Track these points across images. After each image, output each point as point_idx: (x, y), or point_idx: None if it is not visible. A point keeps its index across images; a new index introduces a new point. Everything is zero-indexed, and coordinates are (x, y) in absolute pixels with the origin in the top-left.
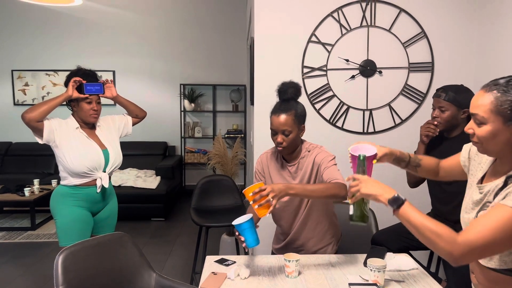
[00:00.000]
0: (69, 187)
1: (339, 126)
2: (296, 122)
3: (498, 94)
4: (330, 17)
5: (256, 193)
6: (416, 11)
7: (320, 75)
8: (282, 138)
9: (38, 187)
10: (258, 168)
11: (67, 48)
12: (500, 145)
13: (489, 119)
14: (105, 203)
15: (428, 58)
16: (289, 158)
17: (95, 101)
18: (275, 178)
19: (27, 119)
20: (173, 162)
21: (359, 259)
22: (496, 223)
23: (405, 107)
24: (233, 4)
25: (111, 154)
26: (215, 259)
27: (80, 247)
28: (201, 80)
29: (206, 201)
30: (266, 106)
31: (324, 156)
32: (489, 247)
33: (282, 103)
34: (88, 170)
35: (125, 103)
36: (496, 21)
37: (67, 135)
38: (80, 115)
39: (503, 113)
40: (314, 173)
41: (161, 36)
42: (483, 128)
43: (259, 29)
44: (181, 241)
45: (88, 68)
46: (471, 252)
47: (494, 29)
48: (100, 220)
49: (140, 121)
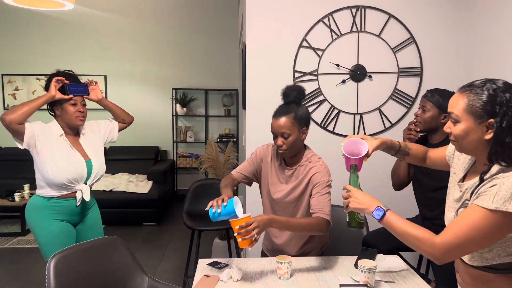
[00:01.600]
0: (46, 199)
1: (330, 130)
2: (295, 125)
3: (471, 95)
4: (321, 22)
5: (242, 227)
6: (405, 17)
7: (311, 80)
8: (282, 141)
9: (28, 192)
10: (261, 153)
11: (58, 52)
12: (474, 143)
13: (462, 118)
14: (85, 214)
15: (417, 63)
16: (289, 162)
17: (80, 103)
18: (270, 176)
19: (7, 121)
20: (165, 167)
21: (350, 260)
22: (469, 223)
23: (394, 111)
24: (225, 9)
25: (94, 165)
26: (208, 262)
27: (72, 250)
28: (193, 84)
29: (198, 205)
30: (258, 110)
31: (321, 180)
32: (466, 246)
33: (283, 106)
34: (68, 181)
35: (111, 107)
36: (482, 27)
37: (49, 142)
38: (65, 119)
39: (474, 112)
40: (302, 185)
41: (153, 41)
42: (457, 127)
43: (251, 34)
44: (173, 245)
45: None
46: (450, 252)
47: (480, 35)
48: (84, 230)
49: (127, 127)
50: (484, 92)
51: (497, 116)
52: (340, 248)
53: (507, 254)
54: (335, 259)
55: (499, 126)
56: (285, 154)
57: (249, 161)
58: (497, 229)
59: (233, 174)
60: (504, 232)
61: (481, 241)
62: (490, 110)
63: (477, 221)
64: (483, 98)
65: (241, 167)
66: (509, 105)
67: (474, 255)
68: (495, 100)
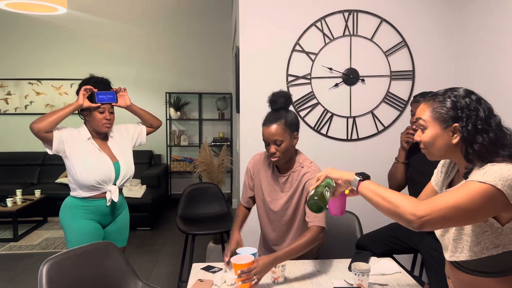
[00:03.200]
0: (78, 199)
1: (323, 133)
2: (287, 131)
3: (435, 104)
4: (313, 26)
5: (244, 272)
6: (397, 21)
7: (305, 83)
8: (275, 148)
9: (21, 198)
10: (250, 168)
11: (50, 57)
12: (442, 148)
13: (429, 125)
14: (116, 215)
15: (409, 66)
16: (282, 168)
17: (107, 110)
18: (265, 185)
19: (36, 129)
20: (159, 171)
21: (344, 263)
22: (455, 193)
23: (387, 114)
24: (219, 13)
25: (122, 166)
26: (202, 266)
27: (65, 256)
28: (187, 88)
29: (192, 209)
30: (252, 114)
31: None
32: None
33: (272, 114)
34: (97, 183)
35: (139, 112)
36: (473, 30)
37: (77, 146)
38: (92, 124)
39: (440, 118)
40: (298, 191)
41: (146, 45)
42: (425, 134)
43: (244, 39)
44: (167, 250)
45: (101, 76)
46: (430, 219)
47: (471, 38)
48: (111, 233)
49: (155, 131)
50: (447, 99)
51: (461, 120)
52: (334, 251)
53: (494, 246)
54: (329, 262)
55: (465, 129)
56: (279, 161)
57: (245, 183)
58: (481, 204)
59: (241, 203)
60: (489, 211)
61: (463, 214)
62: (454, 115)
63: (463, 191)
64: (447, 105)
65: (243, 192)
66: (470, 109)
67: (462, 249)
68: (457, 106)
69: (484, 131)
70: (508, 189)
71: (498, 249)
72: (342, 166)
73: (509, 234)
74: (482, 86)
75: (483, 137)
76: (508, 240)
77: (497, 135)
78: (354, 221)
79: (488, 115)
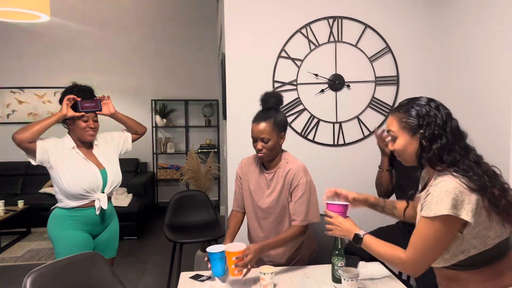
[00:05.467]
0: (67, 209)
1: (310, 139)
2: (275, 130)
3: (400, 114)
4: (298, 33)
5: (239, 259)
6: (380, 27)
7: (291, 89)
8: (261, 145)
9: (3, 209)
10: (239, 172)
11: (33, 65)
12: (414, 155)
13: (399, 134)
14: (106, 225)
15: (393, 72)
16: (268, 166)
17: (91, 119)
18: (252, 181)
19: (18, 140)
20: (145, 179)
21: None
22: (422, 235)
23: (372, 119)
24: (203, 20)
25: (109, 174)
26: (190, 275)
27: (49, 268)
28: (173, 95)
29: (179, 217)
30: (239, 120)
31: (299, 182)
32: (428, 256)
33: (262, 112)
34: (84, 191)
35: (124, 120)
36: (454, 36)
37: (62, 156)
38: (76, 133)
39: (406, 127)
40: (285, 187)
41: (131, 52)
42: (397, 143)
43: (230, 45)
44: (154, 259)
45: (84, 84)
46: (417, 265)
47: (453, 44)
48: (101, 243)
49: (140, 137)
50: (411, 109)
51: (422, 128)
52: (324, 256)
53: (461, 252)
54: (319, 267)
55: (423, 135)
56: (264, 157)
57: (236, 187)
58: (444, 233)
59: (234, 209)
60: (451, 233)
61: (436, 248)
62: (418, 123)
63: (426, 231)
64: (412, 114)
65: (235, 198)
66: (429, 116)
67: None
68: (420, 114)
69: (439, 137)
70: (452, 210)
71: (464, 254)
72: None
73: (469, 239)
74: (464, 90)
75: (437, 143)
76: (470, 244)
77: (448, 140)
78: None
79: (445, 121)
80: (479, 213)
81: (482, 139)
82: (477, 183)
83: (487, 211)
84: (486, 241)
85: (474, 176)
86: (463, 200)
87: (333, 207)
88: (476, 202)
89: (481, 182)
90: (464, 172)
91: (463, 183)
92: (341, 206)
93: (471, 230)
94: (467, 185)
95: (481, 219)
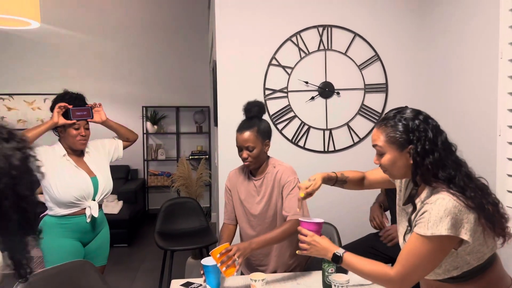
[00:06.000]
0: (57, 217)
1: (301, 146)
2: (259, 138)
3: (387, 128)
4: (289, 41)
5: (223, 254)
6: (369, 35)
7: (281, 97)
8: (247, 154)
9: None
10: (227, 184)
11: (23, 71)
12: (402, 169)
13: (386, 149)
14: (96, 233)
15: (382, 80)
16: (256, 173)
17: (83, 127)
18: (241, 191)
19: None
20: (136, 186)
21: None
22: (414, 252)
23: (362, 126)
24: (195, 27)
25: (100, 181)
26: (181, 283)
27: (39, 276)
28: (164, 102)
29: (170, 225)
30: (230, 127)
31: (288, 179)
32: (417, 272)
33: (245, 121)
34: (75, 199)
35: (115, 127)
36: (441, 44)
37: (53, 164)
38: (67, 141)
39: (395, 142)
40: (275, 190)
41: (122, 58)
42: (384, 158)
43: (221, 53)
44: (145, 267)
45: (75, 91)
46: (406, 281)
47: (440, 52)
48: (92, 251)
49: (131, 145)
50: (398, 123)
51: (413, 143)
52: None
53: (454, 268)
54: (309, 274)
55: (415, 151)
56: (251, 165)
57: (226, 201)
58: (439, 251)
59: (225, 222)
60: (446, 251)
61: (428, 265)
62: (407, 138)
63: (420, 249)
64: (399, 129)
65: (225, 211)
66: (419, 130)
67: None
68: (409, 129)
69: (431, 152)
70: (452, 230)
71: (457, 270)
72: None
73: (464, 256)
74: (451, 96)
75: (429, 158)
76: (464, 261)
77: (441, 154)
78: (333, 232)
79: (435, 134)
80: (475, 230)
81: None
82: (475, 201)
83: (483, 227)
84: (480, 256)
85: (471, 193)
86: (462, 219)
87: (308, 225)
88: (474, 221)
89: (478, 199)
90: (461, 189)
91: (462, 201)
92: (316, 224)
93: (466, 247)
94: (465, 203)
95: (476, 235)
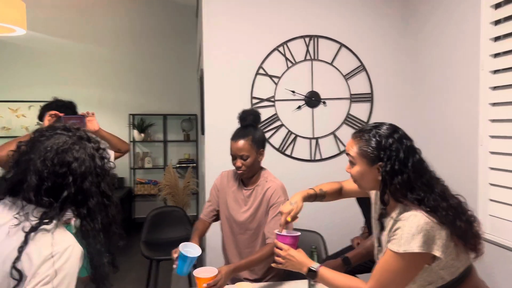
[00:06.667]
0: None
1: (288, 154)
2: (253, 147)
3: (361, 142)
4: (276, 51)
5: (211, 286)
6: (355, 46)
7: (269, 106)
8: (241, 162)
9: None
10: (217, 183)
11: (7, 78)
12: (371, 183)
13: (357, 161)
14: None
15: (368, 89)
16: (247, 182)
17: None
18: (229, 197)
19: None
20: (122, 194)
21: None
22: (388, 268)
23: (348, 135)
24: (183, 35)
25: None
26: None
27: None
28: (151, 110)
29: (157, 234)
30: (217, 135)
31: (277, 201)
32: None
33: (240, 130)
34: None
35: (108, 137)
36: (425, 54)
37: None
38: None
39: (366, 156)
40: (263, 205)
41: (109, 66)
42: (354, 168)
43: (209, 62)
44: (130, 277)
45: (65, 98)
46: None
47: (423, 61)
48: None
49: (122, 155)
50: (371, 138)
51: (383, 161)
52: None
53: (429, 283)
54: (295, 283)
55: (384, 169)
56: (244, 174)
57: (210, 196)
58: (412, 267)
59: (201, 217)
60: (419, 267)
61: (402, 281)
62: (378, 155)
63: (393, 265)
64: (372, 144)
65: (206, 206)
66: (391, 149)
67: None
68: (381, 146)
69: (400, 172)
70: (424, 247)
71: (432, 285)
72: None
73: (437, 271)
74: (435, 107)
75: (398, 179)
76: (438, 276)
77: (410, 177)
78: (319, 241)
79: (407, 156)
80: (447, 245)
81: (451, 155)
82: (446, 219)
83: (455, 243)
84: (454, 271)
85: (442, 212)
86: (434, 235)
87: (283, 238)
88: (446, 236)
89: (449, 218)
90: (432, 208)
91: (434, 218)
92: (292, 237)
93: (439, 262)
94: (437, 220)
95: (449, 250)
